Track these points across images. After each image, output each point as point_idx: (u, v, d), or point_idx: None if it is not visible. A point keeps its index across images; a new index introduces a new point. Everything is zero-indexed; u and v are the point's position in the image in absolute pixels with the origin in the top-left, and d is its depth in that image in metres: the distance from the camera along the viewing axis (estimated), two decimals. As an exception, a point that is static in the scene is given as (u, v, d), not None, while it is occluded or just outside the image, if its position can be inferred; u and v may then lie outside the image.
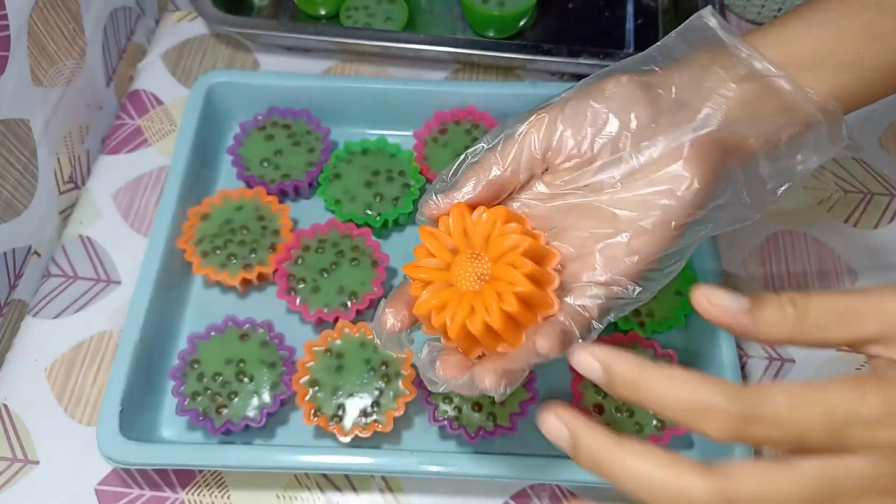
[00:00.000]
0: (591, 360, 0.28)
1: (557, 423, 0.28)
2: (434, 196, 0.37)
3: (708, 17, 0.37)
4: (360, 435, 0.46)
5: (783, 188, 0.37)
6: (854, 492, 0.25)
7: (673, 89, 0.36)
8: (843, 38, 0.36)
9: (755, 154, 0.36)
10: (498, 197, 0.37)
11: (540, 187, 0.37)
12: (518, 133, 0.36)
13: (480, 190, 0.36)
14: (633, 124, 0.35)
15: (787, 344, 0.28)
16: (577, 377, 0.49)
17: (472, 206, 0.36)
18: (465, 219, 0.36)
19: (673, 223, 0.34)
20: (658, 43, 0.38)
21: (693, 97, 0.35)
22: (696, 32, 0.37)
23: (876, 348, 0.28)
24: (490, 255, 0.35)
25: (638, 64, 0.37)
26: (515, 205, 0.38)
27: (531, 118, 0.37)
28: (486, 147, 0.37)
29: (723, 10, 0.69)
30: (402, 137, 0.60)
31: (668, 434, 0.47)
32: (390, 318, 0.36)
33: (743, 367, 0.52)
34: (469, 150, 0.37)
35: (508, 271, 0.33)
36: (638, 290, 0.35)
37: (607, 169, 0.35)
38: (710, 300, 0.28)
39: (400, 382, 0.48)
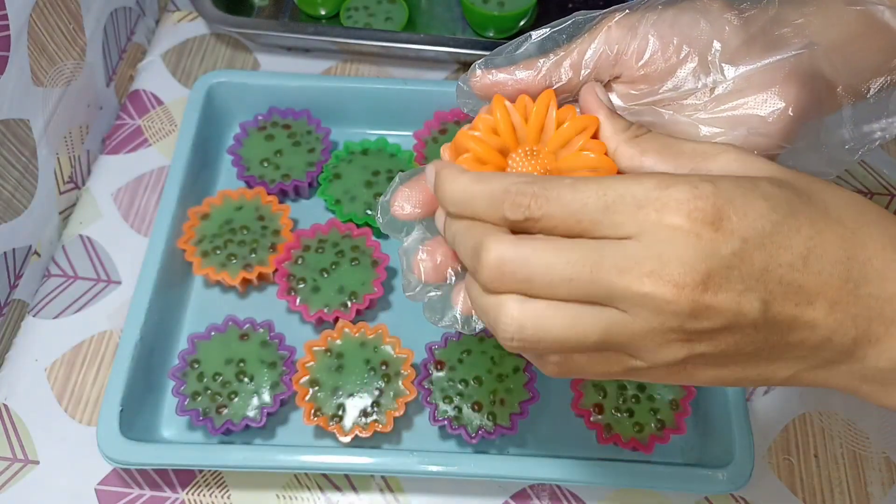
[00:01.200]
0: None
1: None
2: (479, 68, 0.33)
3: None
4: (360, 435, 0.46)
5: (862, 151, 0.34)
6: (618, 268, 0.24)
7: (776, 3, 0.33)
8: None
9: (840, 104, 0.33)
10: (549, 89, 0.33)
11: (612, 99, 0.34)
12: (592, 23, 0.33)
13: (538, 73, 0.33)
14: (727, 36, 0.32)
15: None
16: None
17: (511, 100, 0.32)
18: (509, 113, 0.31)
19: (755, 152, 0.31)
20: None
21: (795, 17, 0.32)
22: None
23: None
24: (550, 146, 0.30)
25: None
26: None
27: (609, 10, 0.33)
28: (550, 31, 0.33)
29: None
30: (402, 137, 0.60)
31: (667, 433, 0.47)
32: (402, 200, 0.32)
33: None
34: (534, 31, 0.33)
35: (581, 157, 0.29)
36: None
37: (690, 82, 0.32)
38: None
39: (400, 382, 0.48)
